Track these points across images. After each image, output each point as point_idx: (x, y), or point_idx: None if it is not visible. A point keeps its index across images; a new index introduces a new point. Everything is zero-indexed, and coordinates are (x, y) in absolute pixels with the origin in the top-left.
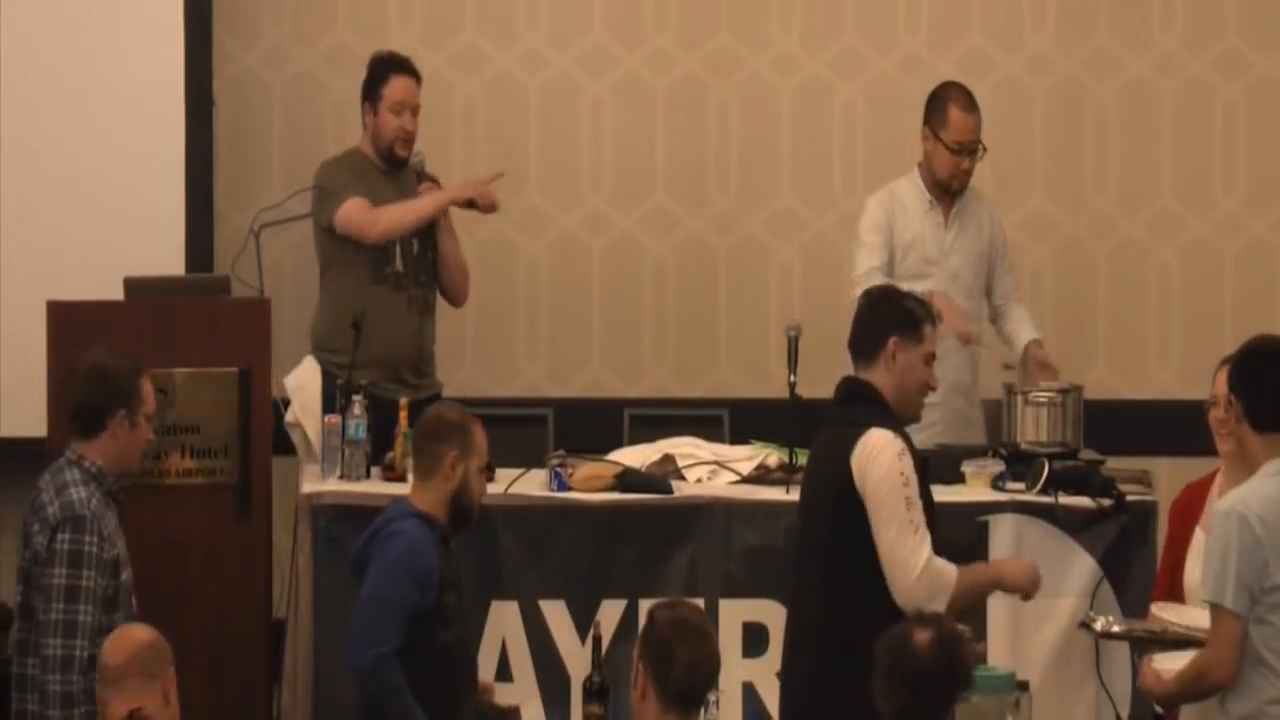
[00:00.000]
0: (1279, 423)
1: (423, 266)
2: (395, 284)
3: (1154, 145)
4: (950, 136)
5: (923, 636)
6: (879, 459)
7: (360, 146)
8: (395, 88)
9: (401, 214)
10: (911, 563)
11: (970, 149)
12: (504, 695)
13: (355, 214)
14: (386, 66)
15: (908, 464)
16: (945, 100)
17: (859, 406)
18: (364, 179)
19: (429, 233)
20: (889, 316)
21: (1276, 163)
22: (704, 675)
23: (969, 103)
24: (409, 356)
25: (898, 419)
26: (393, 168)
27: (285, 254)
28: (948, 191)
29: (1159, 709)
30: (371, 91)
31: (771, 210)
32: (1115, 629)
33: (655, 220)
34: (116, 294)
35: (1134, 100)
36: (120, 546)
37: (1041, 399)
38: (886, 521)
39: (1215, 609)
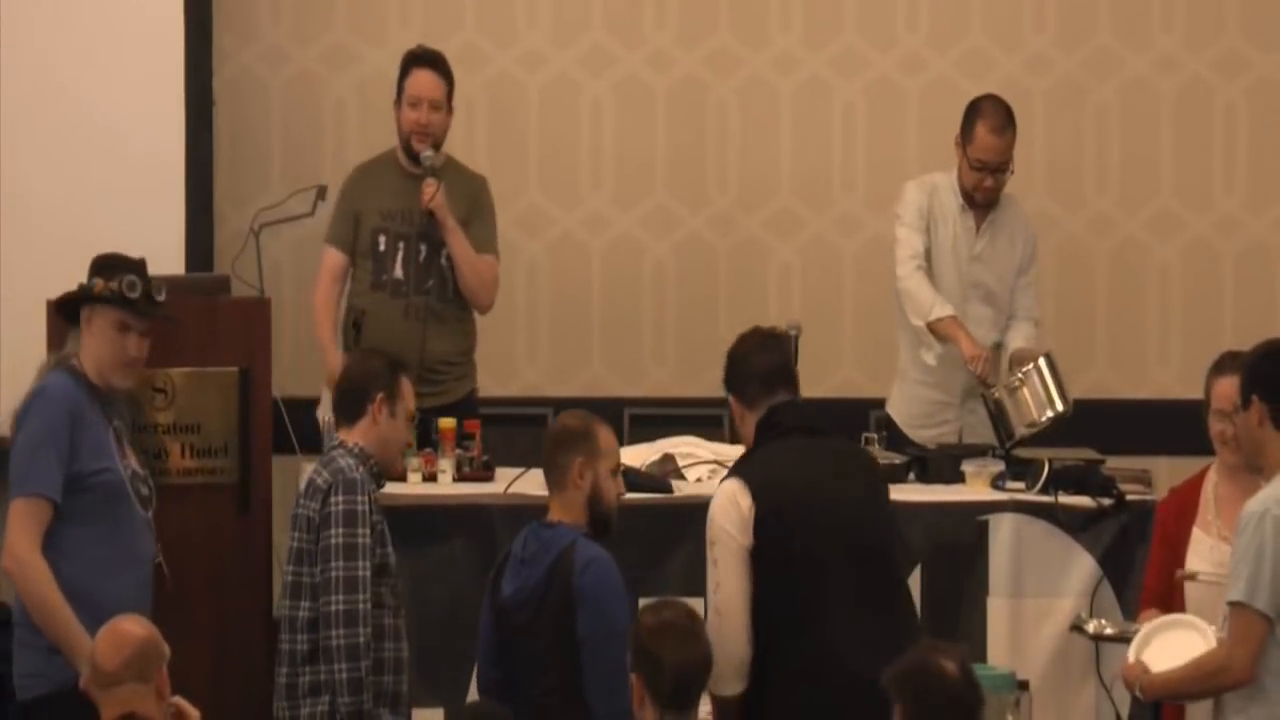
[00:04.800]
0: None
1: (430, 274)
2: (393, 290)
3: (1154, 145)
4: (973, 153)
5: (949, 664)
6: None
7: (395, 146)
8: (413, 81)
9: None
10: None
11: (993, 168)
12: None
13: (321, 270)
14: (409, 61)
15: None
16: (975, 116)
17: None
18: (377, 187)
19: (439, 239)
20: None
21: (1276, 163)
22: (693, 674)
23: (999, 123)
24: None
25: None
26: (417, 164)
27: (285, 254)
28: (972, 204)
29: (1139, 693)
30: (397, 86)
31: (771, 210)
32: (1108, 631)
33: (655, 220)
34: None
35: (1134, 100)
36: (381, 522)
37: (1015, 382)
38: None
39: (1241, 609)
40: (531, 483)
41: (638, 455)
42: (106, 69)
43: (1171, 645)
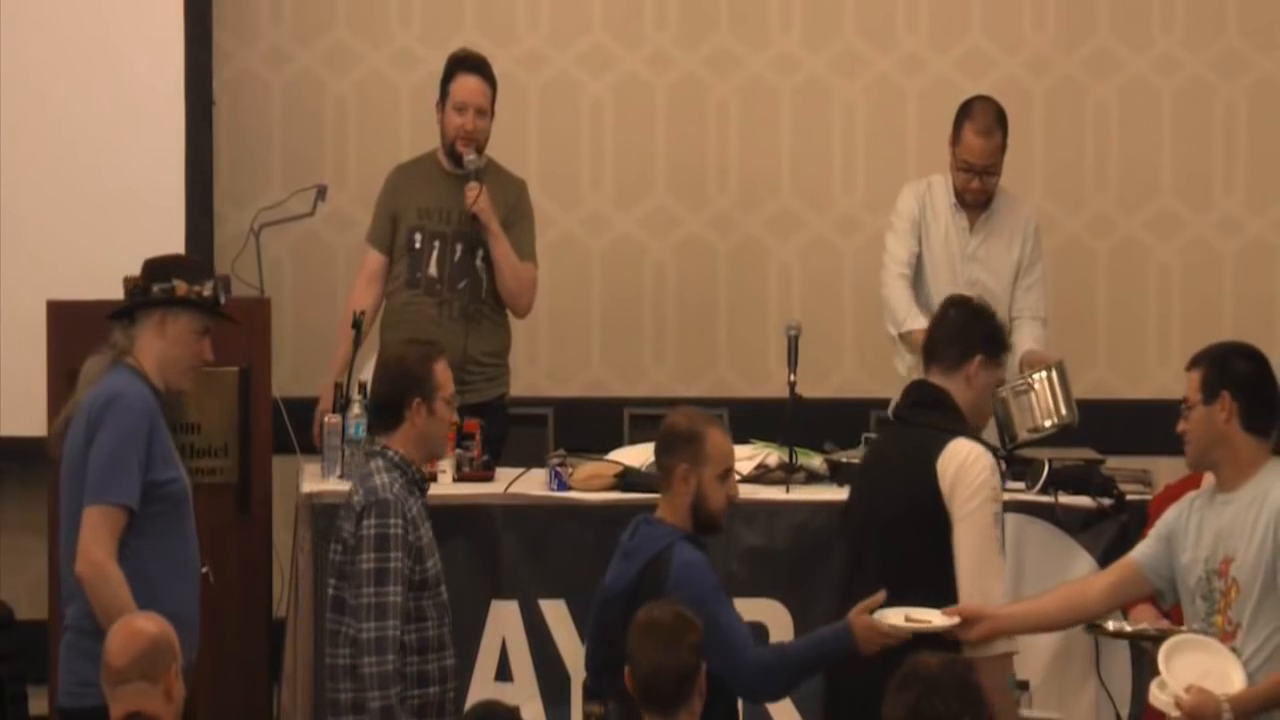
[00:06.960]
0: (1269, 427)
1: (464, 274)
2: (427, 289)
3: (1154, 144)
4: (959, 154)
5: (929, 658)
6: (970, 468)
7: (437, 146)
8: (460, 86)
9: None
10: (994, 588)
11: (980, 170)
12: (504, 695)
13: (361, 271)
14: (455, 64)
15: (998, 480)
16: (964, 117)
17: (937, 411)
18: (416, 187)
19: (479, 240)
20: (981, 335)
21: (1276, 163)
22: (668, 677)
23: (986, 125)
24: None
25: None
26: (460, 168)
27: (285, 253)
28: (965, 203)
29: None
30: (441, 89)
31: (771, 210)
32: (1129, 628)
33: (655, 220)
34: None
35: (1134, 99)
36: (424, 534)
37: (1023, 386)
38: (974, 537)
39: None
40: (532, 483)
41: (638, 455)
42: (107, 69)
43: (1194, 669)
